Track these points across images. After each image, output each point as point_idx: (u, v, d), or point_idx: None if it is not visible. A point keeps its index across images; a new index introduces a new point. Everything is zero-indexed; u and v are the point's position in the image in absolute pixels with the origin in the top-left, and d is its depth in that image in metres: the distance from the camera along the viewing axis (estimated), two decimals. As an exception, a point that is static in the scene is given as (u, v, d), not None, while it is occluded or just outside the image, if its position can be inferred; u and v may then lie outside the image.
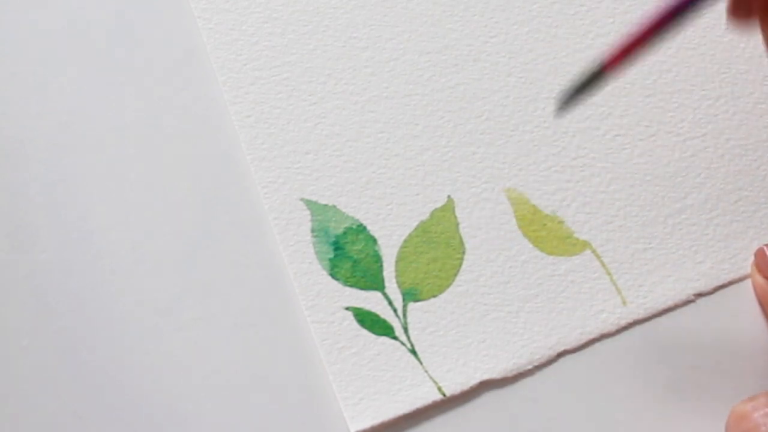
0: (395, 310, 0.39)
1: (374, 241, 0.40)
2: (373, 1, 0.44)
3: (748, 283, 0.40)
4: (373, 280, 0.40)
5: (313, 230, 0.40)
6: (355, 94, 0.43)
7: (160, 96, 0.43)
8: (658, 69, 0.44)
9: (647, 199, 0.41)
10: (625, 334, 0.39)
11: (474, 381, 0.38)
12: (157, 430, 0.37)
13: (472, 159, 0.42)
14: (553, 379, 0.39)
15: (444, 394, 0.38)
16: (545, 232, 0.41)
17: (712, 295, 0.40)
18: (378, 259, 0.40)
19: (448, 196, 0.41)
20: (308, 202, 0.41)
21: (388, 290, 0.39)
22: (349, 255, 0.40)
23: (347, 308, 0.39)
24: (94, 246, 0.40)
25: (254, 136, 0.42)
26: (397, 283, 0.40)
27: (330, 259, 0.40)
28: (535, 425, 0.38)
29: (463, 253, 0.40)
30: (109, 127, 0.42)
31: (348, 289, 0.39)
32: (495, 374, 0.38)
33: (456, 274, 0.40)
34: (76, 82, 0.43)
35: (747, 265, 0.40)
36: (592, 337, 0.39)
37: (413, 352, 0.38)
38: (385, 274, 0.40)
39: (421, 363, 0.38)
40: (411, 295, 0.39)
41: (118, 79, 0.43)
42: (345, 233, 0.40)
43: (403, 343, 0.39)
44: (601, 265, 0.40)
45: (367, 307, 0.39)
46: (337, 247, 0.40)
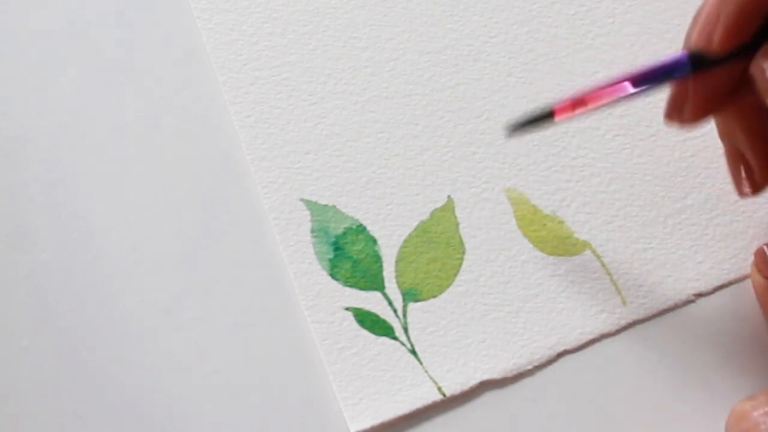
0: (395, 311, 0.39)
1: (374, 241, 0.40)
2: (373, 1, 0.44)
3: (748, 283, 0.40)
4: (373, 281, 0.40)
5: (313, 230, 0.40)
6: (355, 94, 0.43)
7: (160, 96, 0.43)
8: (658, 69, 0.44)
9: (647, 199, 0.41)
10: (625, 334, 0.39)
11: (474, 381, 0.38)
12: (157, 430, 0.37)
13: (472, 159, 0.42)
14: (553, 380, 0.39)
15: (444, 395, 0.38)
16: (545, 232, 0.41)
17: (712, 295, 0.40)
18: (378, 260, 0.40)
19: (448, 196, 0.41)
20: (308, 203, 0.41)
21: (388, 290, 0.39)
22: (349, 255, 0.40)
23: (347, 308, 0.39)
24: (94, 246, 0.40)
25: (254, 136, 0.42)
26: (397, 283, 0.40)
27: (330, 260, 0.40)
28: (535, 425, 0.38)
29: (463, 253, 0.40)
30: (109, 127, 0.42)
31: (348, 290, 0.39)
32: (495, 374, 0.38)
33: (456, 274, 0.40)
34: (76, 82, 0.43)
35: (747, 265, 0.40)
36: (592, 337, 0.39)
37: (413, 352, 0.38)
38: (385, 274, 0.40)
39: (421, 363, 0.38)
40: (411, 296, 0.39)
41: (118, 79, 0.43)
42: (345, 233, 0.40)
43: (403, 344, 0.39)
44: (601, 265, 0.40)
45: (367, 307, 0.39)
46: (337, 247, 0.40)
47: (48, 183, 0.41)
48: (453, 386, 0.38)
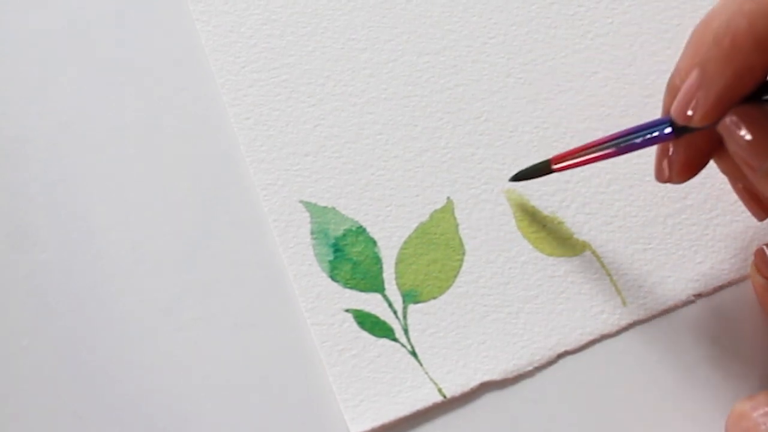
0: (395, 312, 0.39)
1: (374, 242, 0.40)
2: (372, 2, 0.44)
3: (748, 283, 0.40)
4: (373, 282, 0.39)
5: (312, 232, 0.40)
6: (354, 96, 0.43)
7: (159, 97, 0.42)
8: (658, 69, 0.44)
9: (647, 199, 0.41)
10: (625, 335, 0.39)
11: (474, 382, 0.38)
12: (157, 431, 0.37)
13: (472, 160, 0.42)
14: (554, 380, 0.38)
15: (444, 396, 0.38)
16: (545, 233, 0.41)
17: (712, 296, 0.40)
18: (378, 261, 0.40)
19: (448, 198, 0.41)
20: (307, 204, 0.41)
21: (388, 292, 0.39)
22: (349, 257, 0.40)
23: (347, 310, 0.39)
24: (94, 246, 0.40)
25: (253, 138, 0.42)
26: (397, 284, 0.40)
27: (330, 261, 0.40)
28: (535, 426, 0.38)
29: (463, 254, 0.40)
30: (109, 127, 0.42)
31: (348, 291, 0.39)
32: (495, 375, 0.38)
33: (456, 276, 0.40)
34: (76, 83, 0.43)
35: (747, 265, 0.40)
36: (592, 337, 0.39)
37: (413, 353, 0.38)
38: (385, 275, 0.40)
39: (422, 364, 0.38)
40: (411, 297, 0.39)
41: (118, 80, 0.43)
42: (344, 235, 0.40)
43: (403, 345, 0.39)
44: (601, 265, 0.40)
45: (367, 309, 0.39)
46: (337, 249, 0.40)
47: (48, 183, 0.41)
48: (453, 387, 0.38)
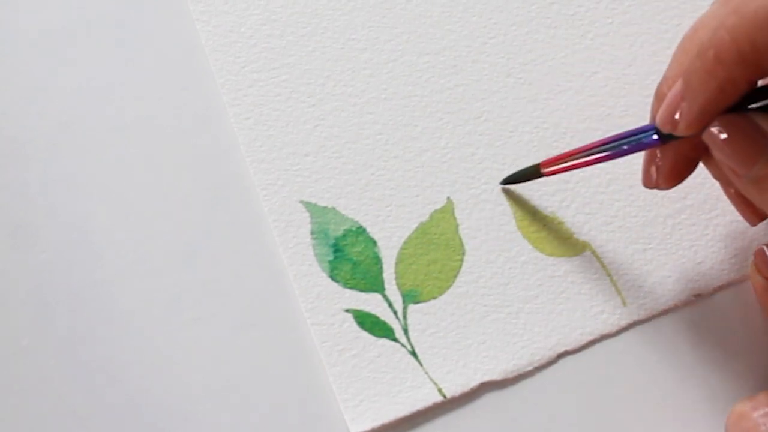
0: (395, 312, 0.39)
1: (374, 242, 0.40)
2: (372, 2, 0.44)
3: (748, 283, 0.40)
4: (373, 282, 0.39)
5: (312, 232, 0.40)
6: (354, 96, 0.43)
7: (159, 97, 0.42)
8: (658, 69, 0.44)
9: (647, 199, 0.41)
10: (625, 335, 0.39)
11: (474, 382, 0.38)
12: (157, 430, 0.37)
13: (472, 160, 0.42)
14: (554, 380, 0.38)
15: (444, 396, 0.38)
16: (545, 233, 0.41)
17: (712, 296, 0.40)
18: (378, 261, 0.40)
19: (448, 198, 0.41)
20: (308, 204, 0.41)
21: (388, 292, 0.39)
22: (349, 257, 0.40)
23: (347, 310, 0.39)
24: (94, 246, 0.40)
25: (253, 138, 0.42)
26: (397, 284, 0.40)
27: (330, 261, 0.40)
28: (535, 426, 0.38)
29: (463, 254, 0.40)
30: (109, 127, 0.42)
31: (348, 291, 0.39)
32: (495, 375, 0.38)
33: (456, 276, 0.40)
34: (76, 83, 0.42)
35: (747, 265, 0.40)
36: (592, 337, 0.39)
37: (413, 353, 0.38)
38: (385, 275, 0.40)
39: (422, 365, 0.38)
40: (411, 297, 0.39)
41: (118, 81, 0.43)
42: (345, 235, 0.40)
43: (403, 345, 0.39)
44: (601, 265, 0.40)
45: (367, 309, 0.39)
46: (337, 249, 0.40)
47: (48, 183, 0.41)
48: (453, 387, 0.38)
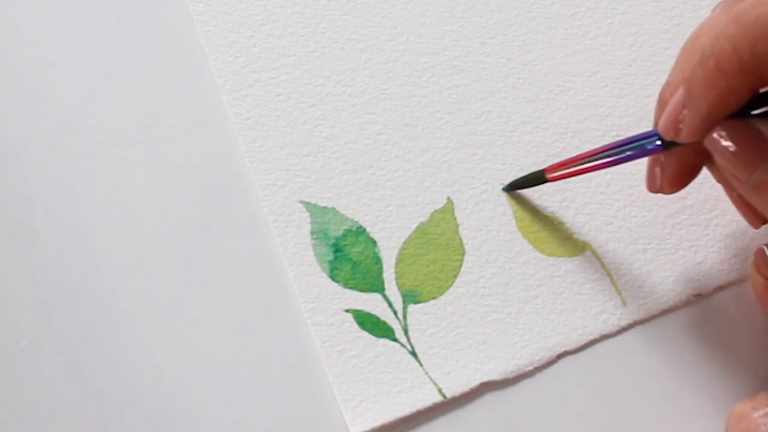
0: (395, 312, 0.39)
1: (374, 243, 0.40)
2: (372, 2, 0.44)
3: (748, 283, 0.40)
4: (373, 282, 0.39)
5: (312, 232, 0.40)
6: (354, 96, 0.43)
7: (159, 98, 0.42)
8: (658, 69, 0.44)
9: (647, 199, 0.41)
10: (625, 335, 0.39)
11: (474, 382, 0.38)
12: (157, 430, 0.37)
13: (472, 160, 0.42)
14: (554, 380, 0.39)
15: (444, 396, 0.38)
16: (545, 233, 0.41)
17: (712, 296, 0.40)
18: (378, 261, 0.40)
19: (448, 198, 0.41)
20: (307, 205, 0.41)
21: (388, 292, 0.39)
22: (349, 257, 0.40)
23: (347, 310, 0.39)
24: (94, 246, 0.40)
25: (253, 139, 0.42)
26: (397, 284, 0.40)
27: (330, 262, 0.40)
28: (535, 426, 0.38)
29: (463, 254, 0.40)
30: (108, 128, 0.42)
31: (348, 291, 0.39)
32: (495, 375, 0.38)
33: (456, 276, 0.40)
34: (76, 83, 0.42)
35: (747, 266, 0.40)
36: (592, 338, 0.39)
37: (413, 353, 0.38)
38: (385, 276, 0.40)
39: (422, 365, 0.38)
40: (411, 297, 0.39)
41: (118, 81, 0.43)
42: (345, 235, 0.40)
43: (403, 345, 0.39)
44: (601, 265, 0.40)
45: (367, 309, 0.39)
46: (337, 249, 0.40)
47: (48, 183, 0.41)
48: (453, 388, 0.38)
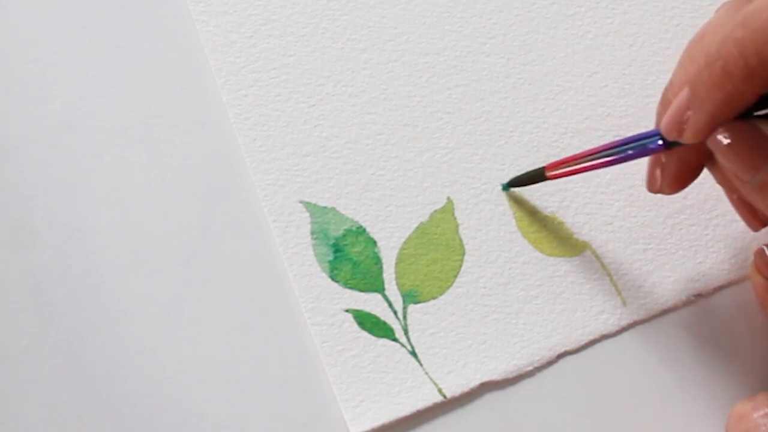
0: (395, 312, 0.39)
1: (374, 243, 0.40)
2: (372, 2, 0.44)
3: (748, 283, 0.40)
4: (373, 282, 0.39)
5: (312, 232, 0.40)
6: (354, 96, 0.43)
7: (159, 98, 0.42)
8: (658, 69, 0.44)
9: (647, 199, 0.41)
10: (625, 335, 0.39)
11: (474, 382, 0.38)
12: (157, 430, 0.37)
13: (472, 160, 0.42)
14: (554, 380, 0.39)
15: (444, 396, 0.38)
16: (545, 233, 0.41)
17: (712, 296, 0.40)
18: (378, 261, 0.40)
19: (448, 198, 0.41)
20: (308, 205, 0.41)
21: (388, 292, 0.39)
22: (349, 257, 0.40)
23: (347, 310, 0.39)
24: (94, 246, 0.40)
25: (253, 139, 0.42)
26: (397, 284, 0.40)
27: (330, 262, 0.40)
28: (535, 426, 0.38)
29: (463, 254, 0.40)
30: (108, 128, 0.42)
31: (348, 291, 0.39)
32: (495, 375, 0.38)
33: (456, 276, 0.40)
34: (76, 83, 0.42)
35: (747, 266, 0.40)
36: (592, 338, 0.39)
37: (413, 353, 0.38)
38: (385, 276, 0.40)
39: (422, 365, 0.38)
40: (411, 297, 0.39)
41: (118, 81, 0.43)
42: (345, 235, 0.40)
43: (403, 345, 0.39)
44: (601, 265, 0.40)
45: (367, 309, 0.39)
46: (337, 249, 0.40)
47: (48, 183, 0.41)
48: (453, 388, 0.38)
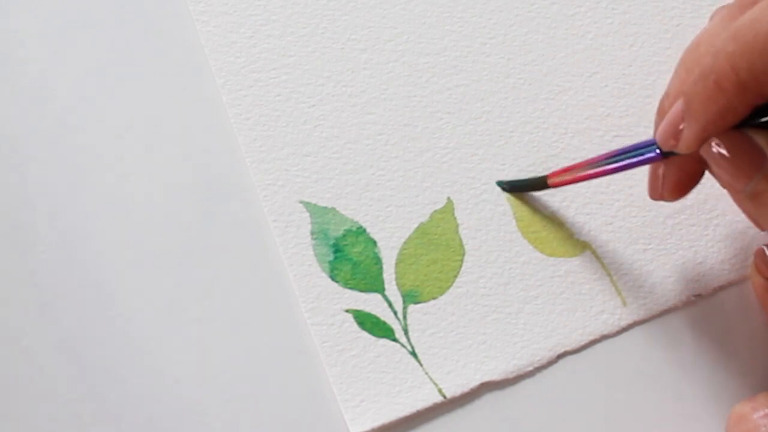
0: (395, 312, 0.39)
1: (374, 243, 0.40)
2: (372, 2, 0.44)
3: (748, 283, 0.40)
4: (373, 282, 0.39)
5: (312, 233, 0.40)
6: (354, 96, 0.43)
7: (159, 98, 0.42)
8: (658, 69, 0.44)
9: (647, 199, 0.41)
10: (625, 335, 0.39)
11: (474, 383, 0.38)
12: (157, 430, 0.37)
13: (472, 160, 0.42)
14: (554, 381, 0.39)
15: (444, 396, 0.38)
16: (545, 233, 0.41)
17: (712, 296, 0.40)
18: (378, 261, 0.40)
19: (448, 198, 0.41)
20: (308, 205, 0.41)
21: (388, 292, 0.39)
22: (349, 257, 0.40)
23: (347, 310, 0.39)
24: (94, 246, 0.40)
25: (253, 139, 0.42)
26: (397, 285, 0.40)
27: (330, 262, 0.40)
28: (535, 426, 0.38)
29: (463, 254, 0.40)
30: (108, 127, 0.42)
31: (348, 292, 0.39)
32: (495, 376, 0.38)
33: (456, 276, 0.40)
34: (76, 82, 0.42)
35: (747, 266, 0.40)
36: (592, 338, 0.39)
37: (413, 354, 0.38)
38: (385, 276, 0.40)
39: (422, 365, 0.38)
40: (411, 297, 0.39)
41: (118, 81, 0.43)
42: (345, 235, 0.40)
43: (403, 345, 0.39)
44: (601, 266, 0.40)
45: (367, 309, 0.39)
46: (337, 249, 0.40)
47: (48, 183, 0.41)
48: (453, 388, 0.38)
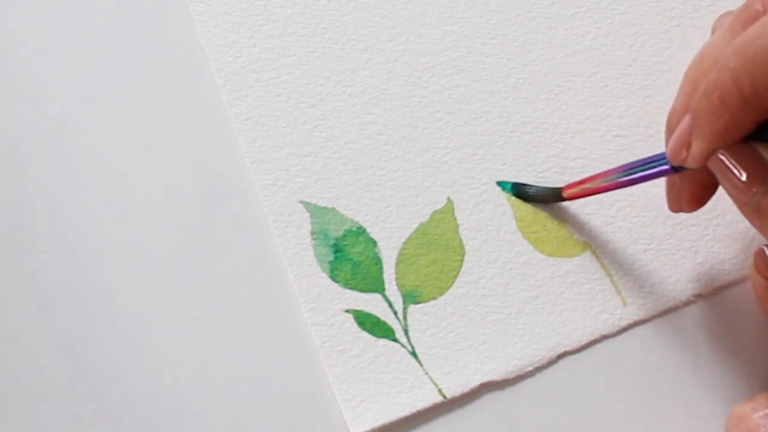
0: (395, 313, 0.39)
1: (374, 243, 0.40)
2: (372, 2, 0.44)
3: (748, 283, 0.40)
4: (373, 283, 0.39)
5: (312, 233, 0.40)
6: (354, 96, 0.43)
7: (159, 98, 0.42)
8: (658, 69, 0.44)
9: (647, 199, 0.41)
10: (625, 335, 0.39)
11: (474, 383, 0.38)
12: (157, 430, 0.37)
13: (472, 160, 0.42)
14: (554, 381, 0.39)
15: (444, 396, 0.38)
16: (545, 234, 0.41)
17: (712, 296, 0.40)
18: (378, 262, 0.40)
19: (448, 198, 0.41)
20: (308, 205, 0.41)
21: (388, 292, 0.39)
22: (349, 257, 0.40)
23: (347, 311, 0.39)
24: (94, 246, 0.40)
25: (253, 139, 0.42)
26: (398, 285, 0.39)
27: (330, 262, 0.40)
28: (535, 427, 0.38)
29: (463, 254, 0.40)
30: (108, 128, 0.42)
31: (348, 292, 0.39)
32: (495, 376, 0.38)
33: (456, 276, 0.40)
34: (76, 83, 0.42)
35: (747, 266, 0.40)
36: (592, 338, 0.39)
37: (414, 354, 0.38)
38: (385, 276, 0.40)
39: (422, 365, 0.38)
40: (411, 297, 0.39)
41: (118, 80, 0.43)
42: (345, 235, 0.40)
43: (403, 345, 0.39)
44: (601, 266, 0.40)
45: (368, 309, 0.39)
46: (337, 249, 0.40)
47: (48, 183, 0.41)
48: (453, 388, 0.38)
